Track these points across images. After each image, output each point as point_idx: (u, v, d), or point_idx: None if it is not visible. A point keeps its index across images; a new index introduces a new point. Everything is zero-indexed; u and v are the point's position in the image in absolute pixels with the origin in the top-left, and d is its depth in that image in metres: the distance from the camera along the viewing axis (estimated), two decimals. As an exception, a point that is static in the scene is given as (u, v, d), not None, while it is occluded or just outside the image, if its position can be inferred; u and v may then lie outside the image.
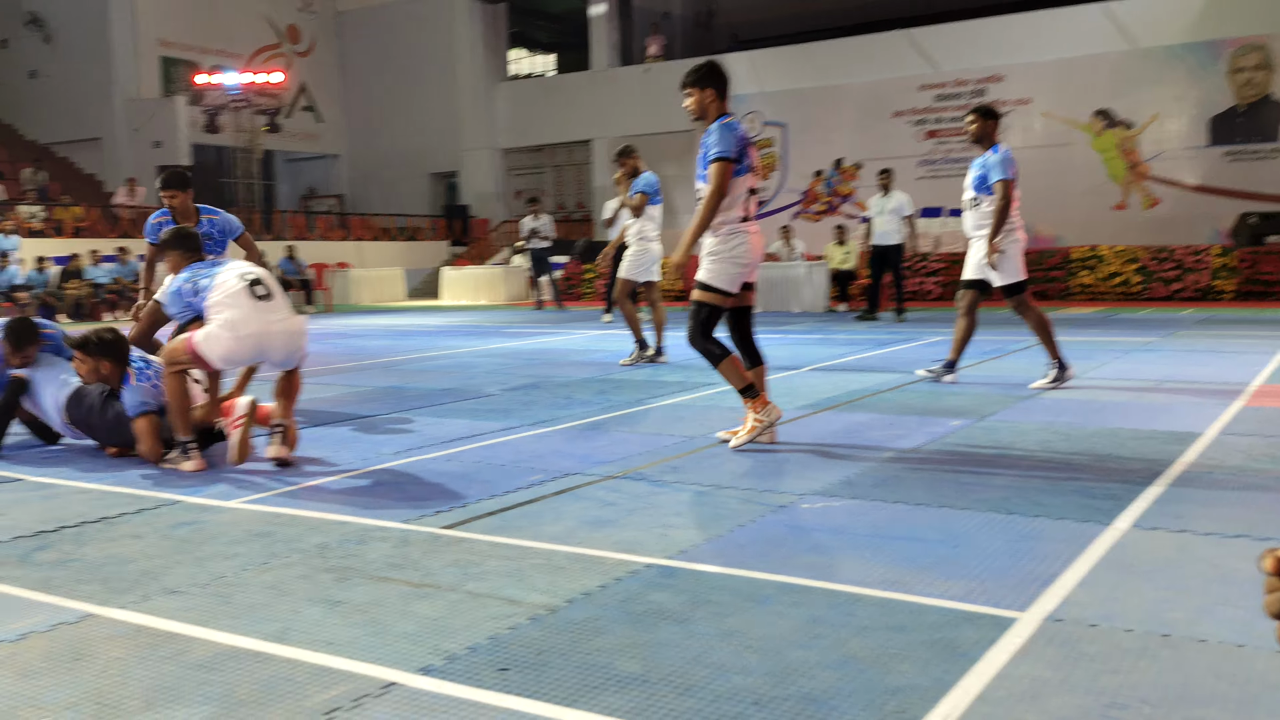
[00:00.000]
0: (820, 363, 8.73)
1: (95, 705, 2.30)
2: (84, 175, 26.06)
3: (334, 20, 30.42)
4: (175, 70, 26.37)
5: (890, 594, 2.91)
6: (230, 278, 4.89)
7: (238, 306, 4.79)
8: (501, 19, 28.78)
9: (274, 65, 27.58)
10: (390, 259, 25.87)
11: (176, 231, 5.34)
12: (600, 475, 4.52)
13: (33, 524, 3.91)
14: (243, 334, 4.77)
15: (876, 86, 22.38)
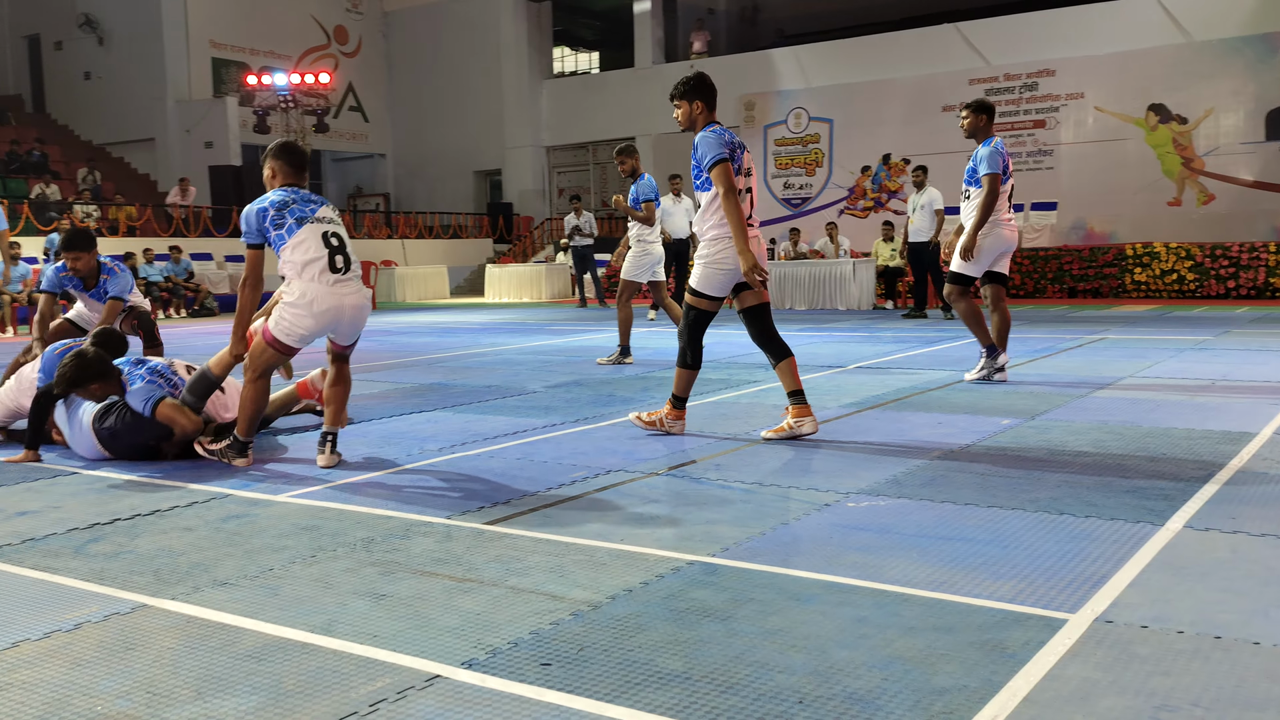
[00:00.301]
0: (866, 361, 8.66)
1: (146, 694, 2.34)
2: (138, 175, 26.52)
3: (381, 20, 30.70)
4: (226, 71, 26.76)
5: (937, 594, 2.88)
6: (314, 240, 4.69)
7: (316, 281, 4.67)
8: (546, 17, 28.88)
9: (322, 66, 27.90)
10: (434, 257, 26.07)
11: (283, 144, 5.06)
12: (643, 472, 4.52)
13: (87, 516, 3.98)
14: (319, 310, 4.69)
15: (925, 81, 22.15)
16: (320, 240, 4.71)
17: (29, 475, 4.78)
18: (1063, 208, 20.17)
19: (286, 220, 4.70)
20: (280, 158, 4.93)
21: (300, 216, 4.73)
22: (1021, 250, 17.97)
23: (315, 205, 4.83)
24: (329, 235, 4.74)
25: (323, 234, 4.73)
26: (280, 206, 4.74)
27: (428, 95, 29.98)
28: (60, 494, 4.40)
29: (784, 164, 24.01)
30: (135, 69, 26.14)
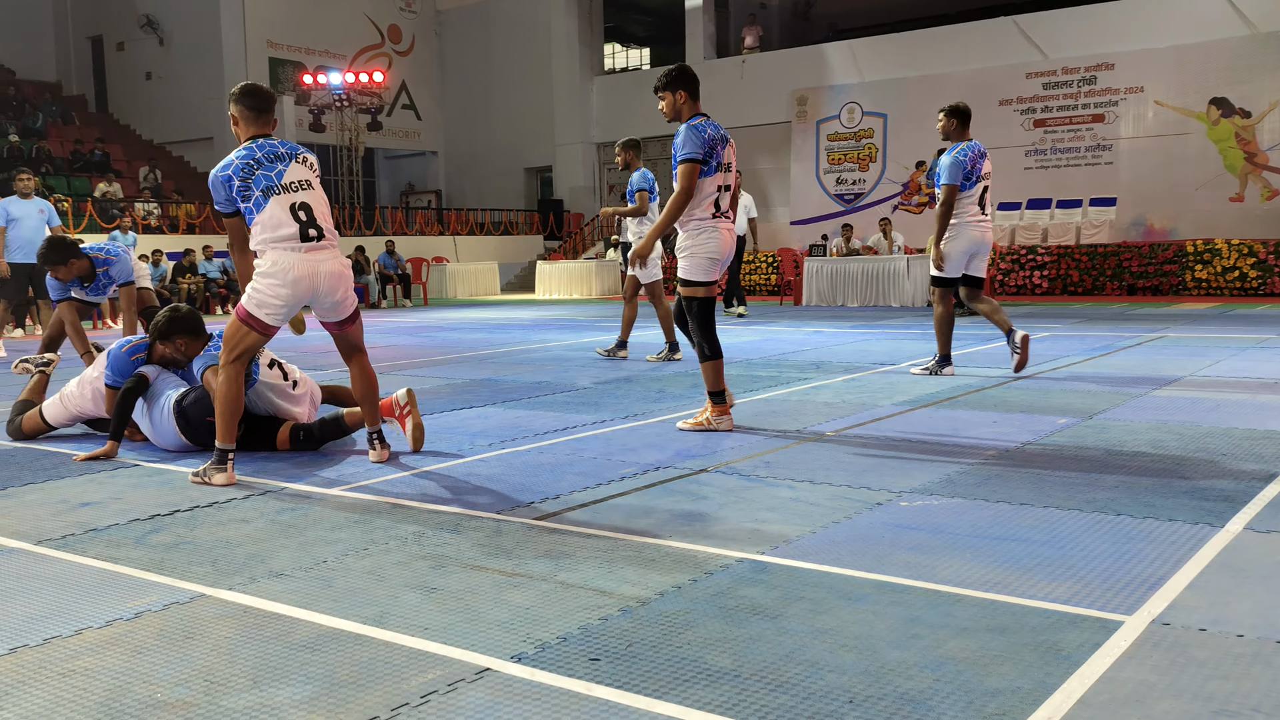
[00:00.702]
0: (920, 358, 8.57)
1: (205, 682, 2.38)
2: (196, 173, 27.00)
3: (434, 19, 30.96)
4: (283, 71, 27.15)
5: (991, 595, 2.84)
6: (283, 213, 4.40)
7: (287, 250, 4.40)
8: (597, 14, 28.93)
9: (376, 65, 28.21)
10: (485, 253, 26.25)
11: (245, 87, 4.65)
12: (692, 469, 4.51)
13: (148, 508, 4.06)
14: (293, 279, 4.40)
15: (981, 75, 21.87)
16: (288, 212, 4.41)
17: (92, 467, 4.89)
18: (1122, 203, 19.82)
19: (253, 192, 4.39)
20: (241, 101, 4.56)
21: (267, 187, 4.40)
22: (1079, 246, 17.71)
23: (283, 165, 4.47)
24: (296, 207, 4.43)
25: (290, 206, 4.42)
26: (245, 174, 4.40)
27: (479, 93, 30.19)
28: (122, 485, 4.49)
29: (836, 159, 23.85)
30: (194, 69, 26.62)
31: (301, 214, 4.44)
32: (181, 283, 18.48)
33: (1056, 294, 17.47)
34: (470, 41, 30.33)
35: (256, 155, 4.46)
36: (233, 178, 4.41)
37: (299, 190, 4.47)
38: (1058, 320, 12.25)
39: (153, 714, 2.22)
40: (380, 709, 2.22)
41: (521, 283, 26.13)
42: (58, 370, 7.14)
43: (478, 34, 30.08)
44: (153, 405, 5.24)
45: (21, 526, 3.81)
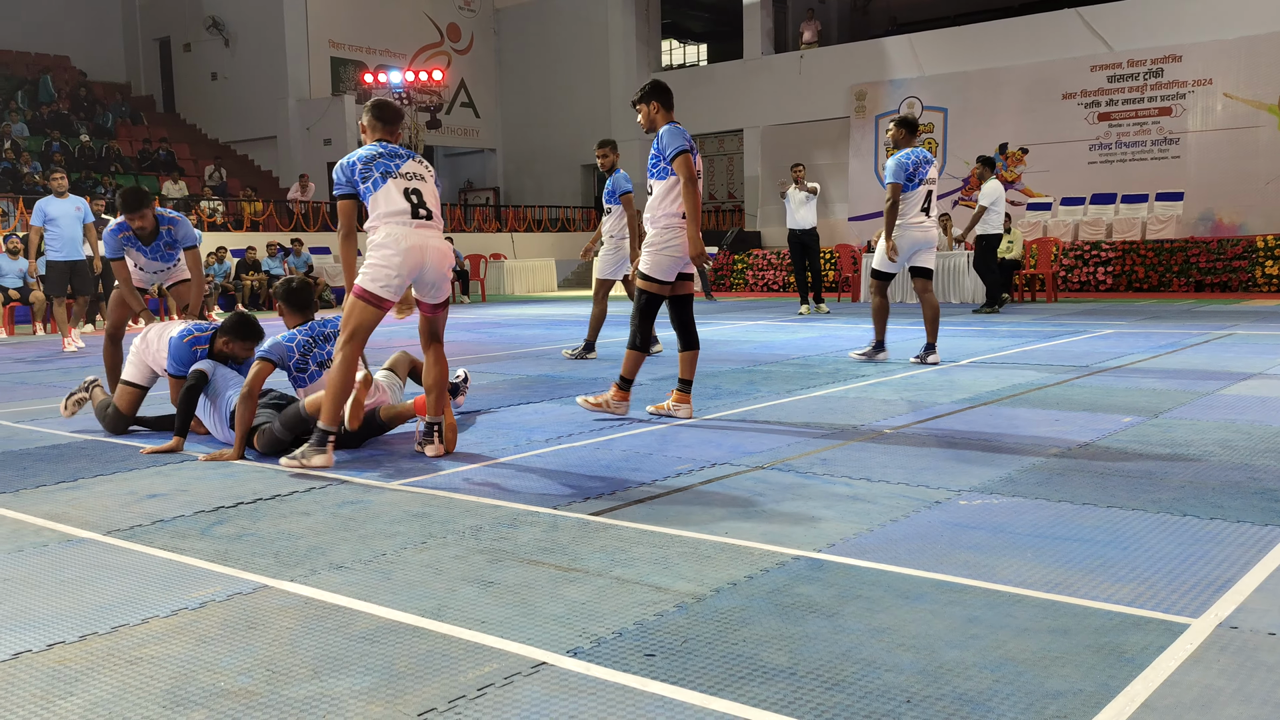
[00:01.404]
0: (981, 355, 8.46)
1: (267, 671, 2.43)
2: (260, 172, 27.48)
3: (492, 17, 31.16)
4: (344, 70, 27.51)
5: (1052, 596, 2.80)
6: (396, 194, 4.77)
7: (399, 225, 4.73)
8: (654, 10, 28.91)
9: (435, 63, 28.46)
10: (543, 250, 26.37)
11: (376, 101, 5.11)
12: (748, 466, 4.50)
13: (213, 500, 4.14)
14: (405, 247, 4.69)
15: (1044, 68, 21.50)
16: (402, 194, 4.79)
17: (159, 460, 5.00)
18: (1189, 198, 19.37)
19: (373, 174, 4.80)
20: (371, 112, 5.04)
21: (385, 171, 4.82)
22: (1145, 242, 17.36)
23: (401, 160, 4.90)
24: (409, 191, 4.81)
25: (404, 190, 4.80)
26: (368, 161, 4.84)
27: (537, 90, 30.34)
28: (187, 478, 4.59)
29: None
30: (258, 69, 27.06)
31: (413, 197, 4.83)
32: (245, 279, 18.81)
33: (1121, 290, 17.12)
34: (528, 39, 30.48)
35: (382, 150, 4.93)
36: (357, 163, 4.86)
37: (412, 179, 4.88)
38: (1122, 317, 12.02)
39: (216, 702, 2.27)
40: (438, 700, 2.24)
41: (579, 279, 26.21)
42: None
43: (536, 31, 30.23)
44: (216, 401, 5.34)
45: (91, 517, 3.91)
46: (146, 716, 2.21)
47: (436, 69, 26.64)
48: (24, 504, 4.14)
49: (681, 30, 32.49)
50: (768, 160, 25.88)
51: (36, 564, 3.33)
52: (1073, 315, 12.57)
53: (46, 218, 11.36)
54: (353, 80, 26.97)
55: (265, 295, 19.03)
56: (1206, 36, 19.83)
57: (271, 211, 22.58)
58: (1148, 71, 20.47)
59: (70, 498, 4.24)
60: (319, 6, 26.94)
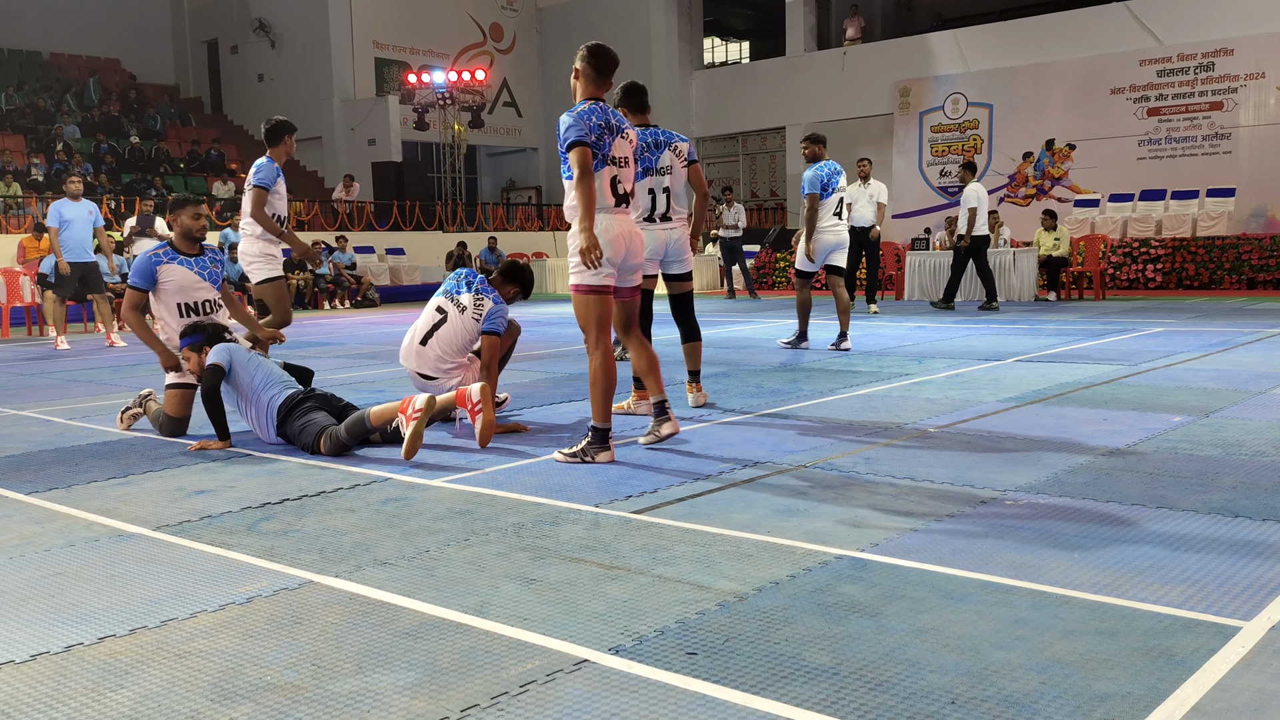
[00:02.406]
0: (1027, 354, 8.36)
1: (312, 666, 2.45)
2: (306, 172, 27.79)
3: (534, 16, 31.29)
4: (388, 71, 27.75)
5: (1100, 597, 2.75)
6: (604, 184, 4.72)
7: (602, 213, 4.69)
8: (696, 8, 28.88)
9: (478, 63, 28.63)
10: (586, 249, 26.39)
11: (594, 46, 4.90)
12: (791, 464, 4.48)
13: (259, 496, 4.20)
14: (612, 236, 4.67)
15: (1092, 63, 21.20)
16: (609, 184, 4.72)
17: (207, 456, 5.08)
18: (1241, 194, 19.00)
19: (596, 156, 4.66)
20: (588, 60, 4.77)
21: (605, 154, 4.68)
22: (1196, 239, 17.07)
23: (612, 136, 4.70)
24: (615, 180, 4.75)
25: (611, 178, 4.73)
26: (598, 135, 4.64)
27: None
28: (234, 475, 4.65)
29: (940, 151, 23.38)
30: (304, 70, 27.38)
31: (618, 187, 4.79)
32: (291, 278, 19.03)
33: (1171, 288, 16.84)
34: (570, 38, 30.54)
35: (601, 123, 4.66)
36: (590, 132, 4.61)
37: (622, 166, 4.80)
38: (1172, 315, 11.82)
39: (263, 696, 2.30)
40: (480, 697, 2.25)
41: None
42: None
43: (578, 30, 30.28)
44: (251, 399, 5.29)
45: (141, 512, 3.97)
46: (194, 709, 2.24)
47: (479, 68, 26.80)
48: (76, 499, 4.22)
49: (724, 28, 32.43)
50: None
51: (88, 558, 3.39)
52: (1121, 313, 12.38)
53: (62, 219, 11.66)
54: (396, 80, 27.20)
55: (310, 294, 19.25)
56: (1259, 29, 19.45)
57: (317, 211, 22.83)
58: (1198, 65, 20.13)
59: (121, 493, 4.31)
60: (363, 8, 27.20)
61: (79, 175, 12.57)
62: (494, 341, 5.69)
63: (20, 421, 6.34)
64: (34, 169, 20.48)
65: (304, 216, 22.37)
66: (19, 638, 2.69)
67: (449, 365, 5.78)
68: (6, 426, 6.15)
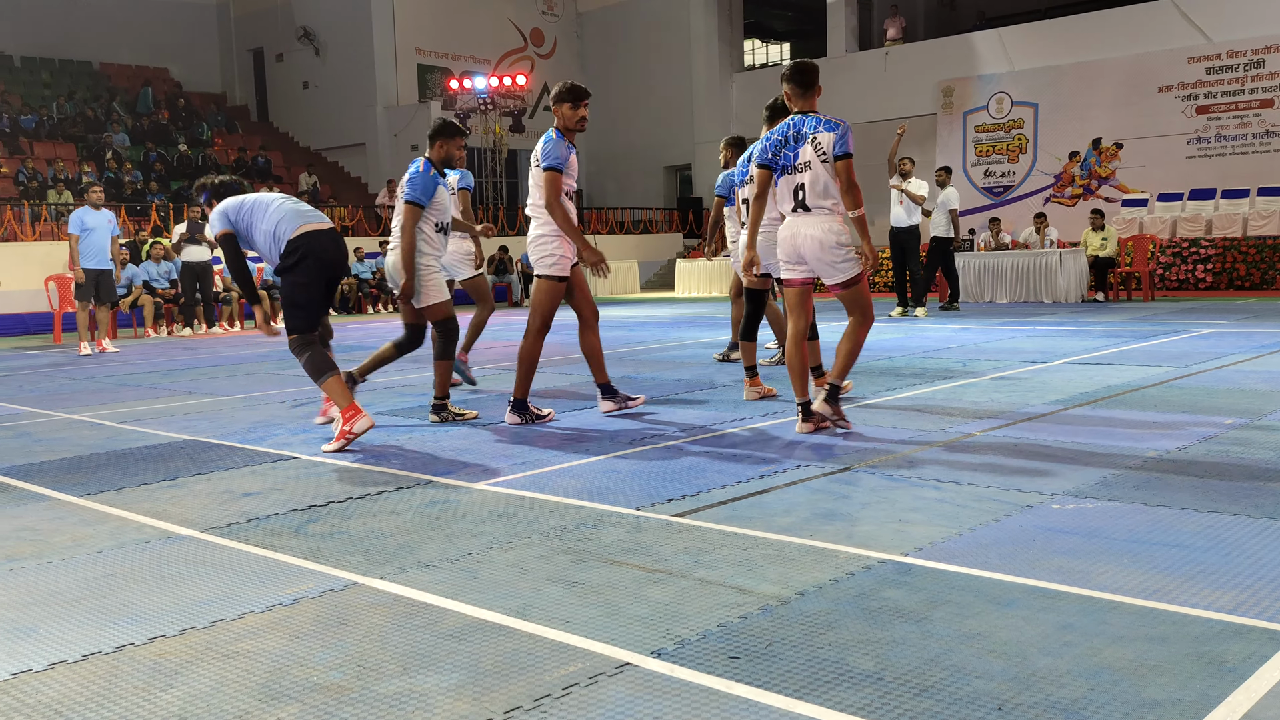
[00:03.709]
0: (1074, 356, 8.25)
1: (357, 667, 2.48)
2: (350, 178, 28.08)
3: (575, 21, 31.38)
4: (430, 77, 27.97)
5: (1150, 603, 2.71)
6: (786, 190, 5.31)
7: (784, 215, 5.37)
8: (737, 10, 28.82)
9: (519, 68, 28.76)
10: (625, 251, 26.45)
11: (795, 64, 5.38)
12: (833, 468, 4.45)
13: (305, 499, 4.24)
14: (779, 239, 5.37)
15: (1139, 60, 20.89)
16: (791, 192, 5.28)
17: (254, 459, 5.14)
18: (1294, 192, 18.64)
19: (777, 165, 5.31)
20: (792, 79, 5.33)
21: (784, 165, 5.29)
22: (1246, 239, 16.75)
23: (798, 146, 5.25)
24: (798, 187, 5.24)
25: (794, 187, 5.26)
26: (775, 149, 5.31)
27: (619, 92, 30.46)
28: (281, 477, 4.71)
29: (984, 151, 23.14)
30: (348, 78, 27.67)
31: (799, 192, 5.25)
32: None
33: (1221, 288, 16.55)
34: (610, 42, 30.63)
35: (780, 137, 5.31)
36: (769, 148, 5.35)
37: (801, 171, 5.25)
38: (1223, 316, 11.61)
39: (309, 696, 2.32)
40: (523, 699, 2.26)
41: (661, 280, 26.25)
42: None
43: (618, 34, 30.36)
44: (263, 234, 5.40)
45: (190, 515, 4.03)
46: (242, 709, 2.27)
47: (520, 73, 26.93)
48: (127, 502, 4.30)
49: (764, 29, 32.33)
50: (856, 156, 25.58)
51: (139, 560, 3.45)
52: (1170, 314, 12.19)
53: (83, 227, 11.91)
54: (438, 86, 27.40)
55: (355, 298, 19.43)
56: (1312, 24, 19.06)
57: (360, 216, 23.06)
58: (1248, 63, 19.76)
59: (170, 496, 4.38)
60: (406, 15, 27.44)
61: (101, 186, 12.83)
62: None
63: (72, 425, 6.46)
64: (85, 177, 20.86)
65: (348, 222, 22.61)
66: (71, 638, 2.74)
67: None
68: (59, 430, 6.27)
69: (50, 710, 2.30)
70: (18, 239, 17.59)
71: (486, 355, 10.17)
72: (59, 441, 5.85)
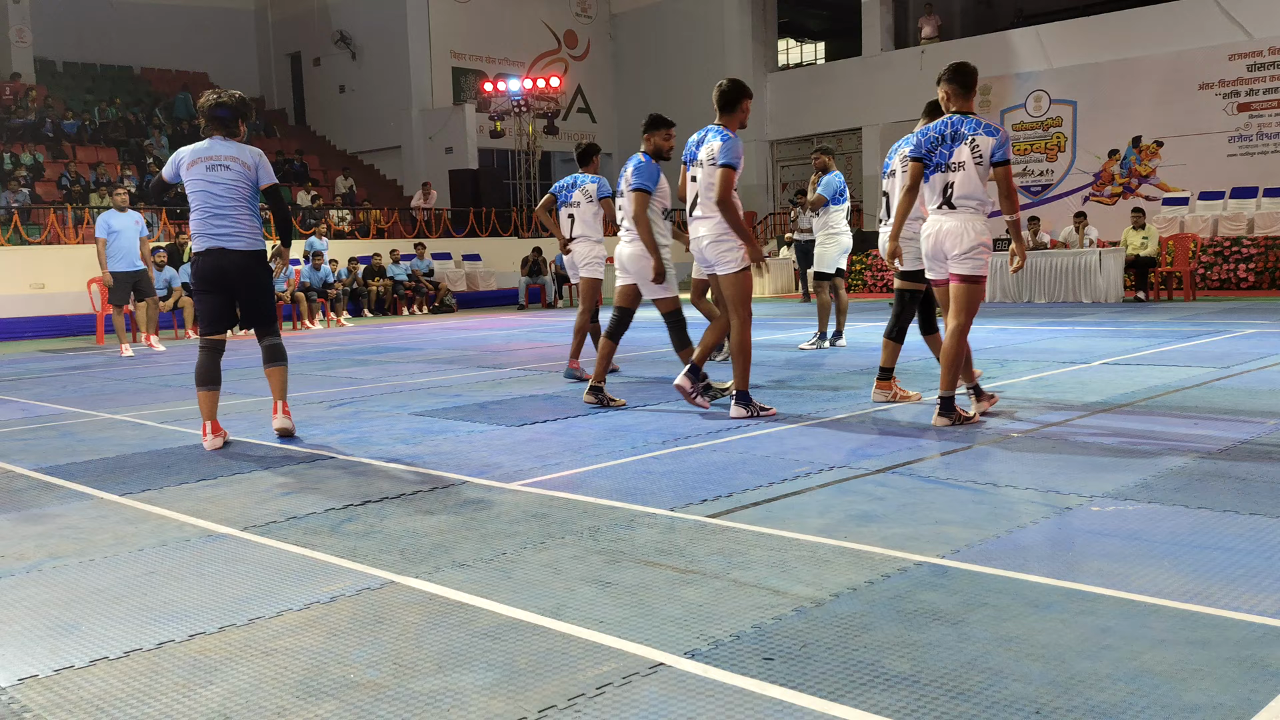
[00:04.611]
0: (1114, 356, 8.15)
1: (393, 665, 2.49)
2: (385, 181, 28.29)
3: (608, 23, 31.43)
4: (464, 80, 28.13)
5: (1191, 606, 2.67)
6: (937, 186, 5.39)
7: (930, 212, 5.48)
8: (771, 10, 28.73)
9: (553, 70, 28.85)
10: (661, 252, 26.44)
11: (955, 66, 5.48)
12: (868, 469, 4.43)
13: (342, 498, 4.28)
14: (926, 234, 5.50)
15: (1179, 57, 20.61)
16: (941, 190, 5.37)
17: (292, 459, 5.19)
18: (1340, 190, 18.31)
19: (931, 161, 5.40)
20: (951, 80, 5.42)
21: (938, 163, 5.37)
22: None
23: (954, 145, 5.32)
24: (947, 186, 5.35)
25: (943, 185, 5.36)
26: (931, 146, 5.40)
27: (653, 93, 30.44)
28: (318, 477, 4.75)
29: (1022, 150, 22.92)
30: (384, 81, 27.88)
31: (949, 190, 5.34)
32: (371, 285, 19.38)
33: (1264, 288, 16.28)
34: (644, 43, 30.64)
35: (936, 135, 5.40)
36: (922, 141, 5.45)
37: (954, 170, 5.33)
38: (1265, 315, 11.43)
39: (346, 693, 2.34)
40: (557, 698, 2.27)
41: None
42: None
43: (652, 35, 30.37)
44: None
45: (229, 513, 4.08)
46: (281, 705, 2.29)
47: (554, 75, 27.00)
48: (168, 501, 4.35)
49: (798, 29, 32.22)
50: (888, 158, 25.45)
51: (179, 558, 3.50)
52: (1212, 314, 12.01)
53: (110, 230, 12.01)
54: (473, 89, 27.55)
55: (390, 300, 19.57)
56: (1359, 19, 18.73)
57: (396, 219, 23.23)
58: (1292, 58, 19.44)
59: (210, 495, 4.43)
60: (441, 19, 27.61)
61: (125, 188, 12.95)
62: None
63: (115, 425, 6.56)
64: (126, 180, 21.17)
65: (383, 224, 22.77)
66: (113, 634, 2.78)
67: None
68: (102, 430, 6.37)
69: (92, 706, 2.33)
70: (61, 242, 17.87)
71: (520, 356, 10.22)
72: (101, 441, 5.94)
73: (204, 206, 5.48)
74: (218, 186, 5.48)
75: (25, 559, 3.54)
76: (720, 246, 5.97)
